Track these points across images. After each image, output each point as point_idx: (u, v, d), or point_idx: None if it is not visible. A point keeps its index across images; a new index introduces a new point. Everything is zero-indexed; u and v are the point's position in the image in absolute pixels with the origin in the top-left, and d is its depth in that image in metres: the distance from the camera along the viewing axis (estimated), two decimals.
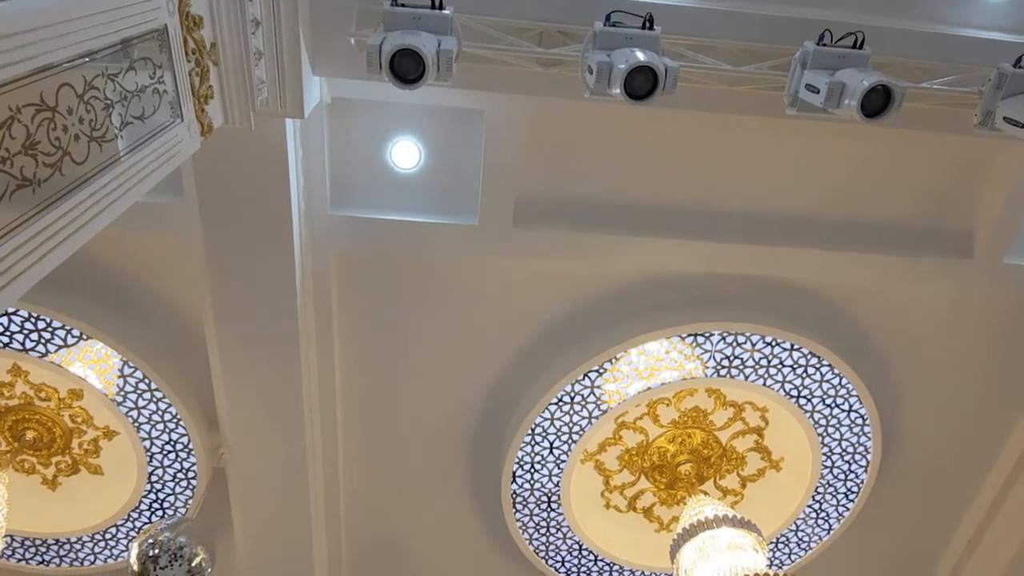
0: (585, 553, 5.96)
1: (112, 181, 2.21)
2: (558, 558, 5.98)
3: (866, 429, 5.42)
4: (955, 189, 4.66)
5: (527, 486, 5.51)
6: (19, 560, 5.81)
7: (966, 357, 5.34)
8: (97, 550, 5.77)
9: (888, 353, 5.27)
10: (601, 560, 6.00)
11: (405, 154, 4.28)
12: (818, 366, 5.07)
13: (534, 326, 4.98)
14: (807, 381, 5.15)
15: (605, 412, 5.17)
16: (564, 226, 4.49)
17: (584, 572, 6.08)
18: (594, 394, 5.10)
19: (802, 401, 5.25)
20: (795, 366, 5.07)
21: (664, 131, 4.30)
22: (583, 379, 5.01)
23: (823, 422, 5.36)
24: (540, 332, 5.00)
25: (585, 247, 4.55)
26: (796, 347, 4.97)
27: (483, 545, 6.02)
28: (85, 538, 5.69)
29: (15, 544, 5.72)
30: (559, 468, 5.43)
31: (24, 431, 5.15)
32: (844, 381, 5.14)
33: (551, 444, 5.31)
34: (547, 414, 5.12)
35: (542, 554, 5.93)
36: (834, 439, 5.44)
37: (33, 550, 5.77)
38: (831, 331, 5.08)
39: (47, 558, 5.81)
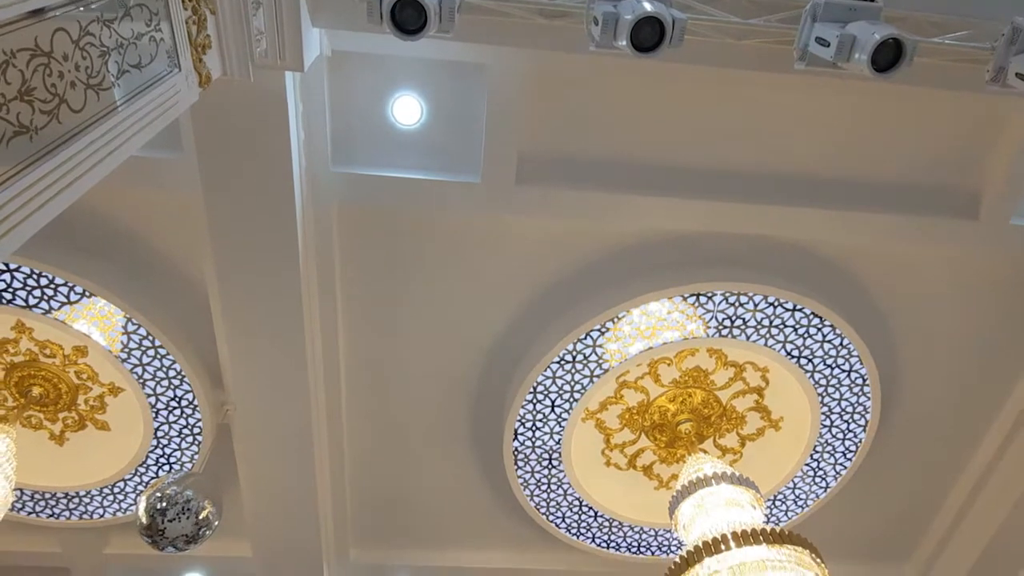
0: (585, 509, 6.05)
1: (111, 130, 2.18)
2: (559, 514, 6.08)
3: (866, 389, 5.44)
4: (963, 148, 4.60)
5: (529, 443, 5.57)
6: (29, 513, 5.92)
7: (968, 318, 5.34)
8: (106, 503, 5.88)
9: (890, 313, 5.27)
10: (601, 516, 6.11)
11: (407, 110, 4.22)
12: (820, 326, 5.08)
13: (536, 284, 4.98)
14: (808, 341, 5.16)
15: (607, 371, 5.19)
16: (566, 184, 4.45)
17: (584, 527, 6.19)
18: (596, 353, 5.12)
19: (803, 361, 5.27)
20: (797, 326, 5.07)
21: (669, 87, 4.23)
22: (585, 338, 5.02)
23: (823, 382, 5.39)
24: (542, 290, 5.00)
25: (588, 205, 4.52)
26: (798, 307, 4.97)
27: (485, 500, 6.12)
28: (94, 492, 5.79)
29: (25, 497, 5.82)
30: (560, 426, 5.48)
31: (30, 387, 5.20)
32: (845, 341, 5.15)
33: (553, 402, 5.35)
34: (549, 372, 5.15)
35: (543, 510, 6.03)
36: (834, 399, 5.48)
37: (43, 503, 5.88)
38: (834, 291, 5.07)
39: (56, 511, 5.93)
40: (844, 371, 5.34)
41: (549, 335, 5.05)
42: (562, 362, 5.14)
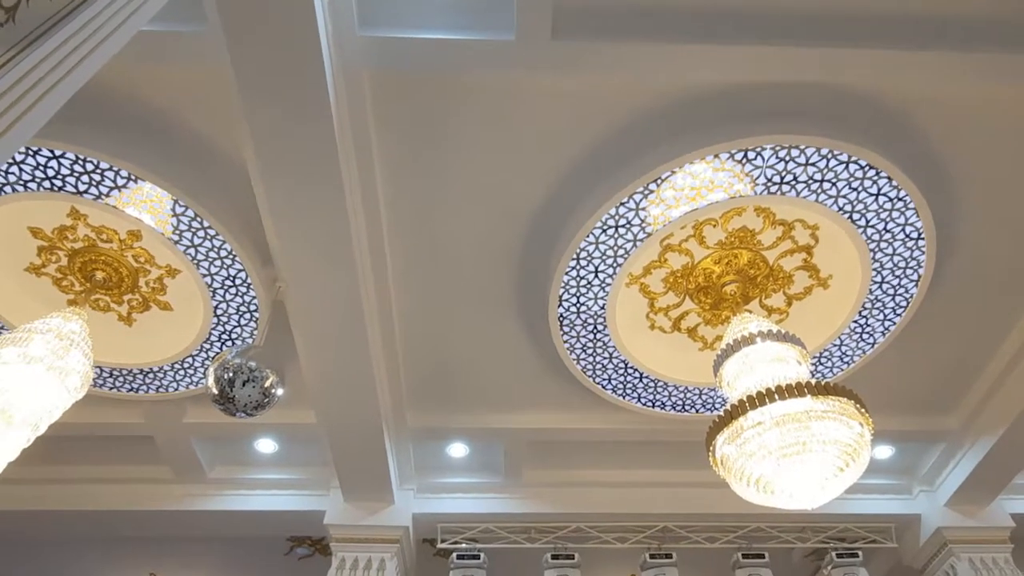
0: (631, 371, 6.21)
1: None
2: (605, 376, 6.26)
3: (920, 243, 5.27)
4: None
5: (574, 309, 5.64)
6: (111, 388, 6.39)
7: None
8: (179, 378, 6.28)
9: (950, 162, 4.99)
10: (646, 377, 6.26)
11: None
12: (875, 179, 4.85)
13: (577, 147, 4.84)
14: (862, 195, 4.95)
15: (650, 234, 5.13)
16: (605, 36, 4.19)
17: (630, 388, 6.38)
18: (639, 217, 5.04)
19: (856, 216, 5.09)
20: (851, 180, 4.86)
21: None
22: (628, 201, 4.93)
23: (876, 237, 5.23)
24: (583, 153, 4.86)
25: (628, 58, 4.27)
26: (853, 159, 4.73)
27: (533, 365, 6.33)
28: (166, 367, 6.18)
29: (105, 375, 6.25)
30: (604, 291, 5.51)
31: (94, 272, 5.43)
32: (902, 194, 4.93)
33: (596, 268, 5.35)
34: (592, 238, 5.12)
35: (589, 373, 6.21)
36: (886, 254, 5.33)
37: (122, 379, 6.32)
38: (891, 141, 4.79)
39: (135, 386, 6.37)
40: (899, 225, 5.16)
41: (591, 200, 4.97)
42: (605, 227, 5.08)
